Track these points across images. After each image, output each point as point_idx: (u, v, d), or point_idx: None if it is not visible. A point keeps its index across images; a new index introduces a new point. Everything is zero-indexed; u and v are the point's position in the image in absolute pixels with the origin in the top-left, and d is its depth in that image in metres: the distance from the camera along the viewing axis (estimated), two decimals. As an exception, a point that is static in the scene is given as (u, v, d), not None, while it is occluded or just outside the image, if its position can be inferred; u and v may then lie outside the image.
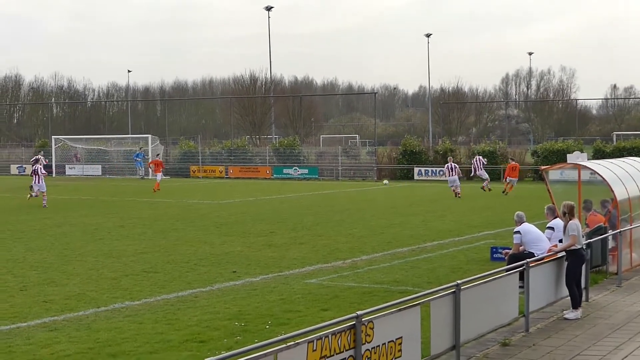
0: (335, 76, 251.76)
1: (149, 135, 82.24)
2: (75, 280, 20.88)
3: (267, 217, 36.77)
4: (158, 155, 68.10)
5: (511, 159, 57.18)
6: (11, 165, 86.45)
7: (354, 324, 10.52)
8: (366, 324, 10.76)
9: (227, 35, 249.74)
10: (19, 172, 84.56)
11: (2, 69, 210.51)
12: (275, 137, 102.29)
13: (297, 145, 77.83)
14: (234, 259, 24.29)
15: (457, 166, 52.06)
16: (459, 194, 48.80)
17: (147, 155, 75.95)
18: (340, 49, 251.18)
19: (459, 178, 51.06)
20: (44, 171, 45.95)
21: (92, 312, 17.16)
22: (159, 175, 58.66)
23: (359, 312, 10.64)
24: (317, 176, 72.53)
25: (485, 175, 53.54)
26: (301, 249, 26.34)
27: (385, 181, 58.52)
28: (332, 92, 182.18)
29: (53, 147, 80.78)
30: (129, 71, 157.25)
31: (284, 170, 73.99)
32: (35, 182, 44.61)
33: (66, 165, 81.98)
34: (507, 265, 17.54)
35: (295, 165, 74.29)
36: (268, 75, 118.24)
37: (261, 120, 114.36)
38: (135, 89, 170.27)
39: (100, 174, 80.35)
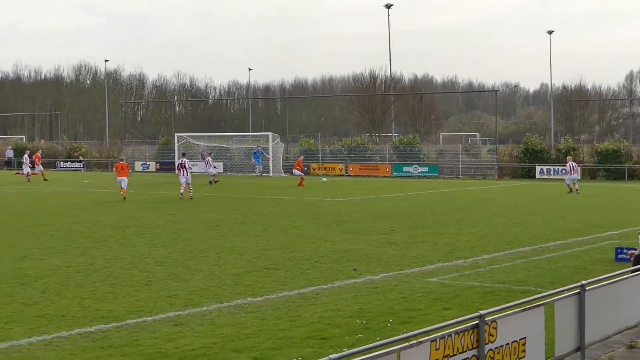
0: (455, 74, 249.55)
1: (270, 133, 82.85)
2: (199, 276, 21.19)
3: (388, 215, 36.75)
4: (301, 156, 69.85)
5: None
6: (135, 162, 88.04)
7: (477, 323, 10.42)
8: (489, 323, 10.64)
9: (346, 32, 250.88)
10: (142, 169, 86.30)
11: (127, 67, 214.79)
12: (395, 135, 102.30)
13: (417, 143, 77.62)
14: (354, 257, 24.32)
15: (577, 165, 51.91)
16: (577, 190, 48.68)
17: (268, 154, 76.59)
18: (459, 46, 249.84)
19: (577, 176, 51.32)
20: (189, 166, 48.55)
21: (215, 307, 17.38)
22: (298, 172, 60.62)
23: (482, 312, 10.53)
24: (437, 174, 72.20)
25: None
26: (422, 248, 26.24)
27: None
28: (452, 90, 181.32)
29: (176, 144, 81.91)
30: (249, 69, 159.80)
31: (404, 168, 73.83)
32: (182, 175, 47.13)
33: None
34: (633, 266, 17.17)
35: (415, 164, 74.07)
36: (388, 73, 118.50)
37: (381, 118, 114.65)
38: (256, 87, 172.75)
39: (221, 171, 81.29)
